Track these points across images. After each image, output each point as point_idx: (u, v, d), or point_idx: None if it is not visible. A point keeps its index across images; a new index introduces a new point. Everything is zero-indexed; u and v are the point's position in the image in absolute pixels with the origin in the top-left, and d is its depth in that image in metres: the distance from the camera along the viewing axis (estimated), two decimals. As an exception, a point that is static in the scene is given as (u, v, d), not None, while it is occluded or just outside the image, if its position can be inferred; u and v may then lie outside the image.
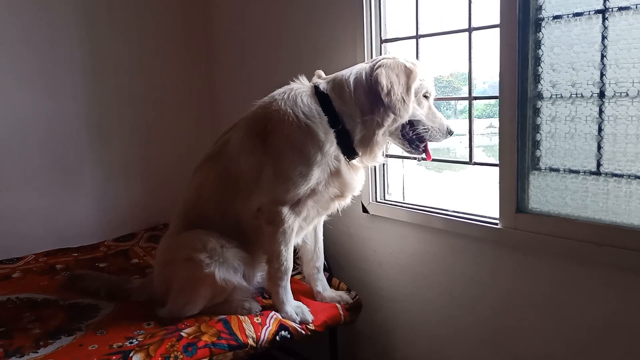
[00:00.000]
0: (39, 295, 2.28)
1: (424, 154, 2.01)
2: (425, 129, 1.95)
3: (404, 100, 1.86)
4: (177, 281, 1.99)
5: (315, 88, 1.96)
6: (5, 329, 1.96)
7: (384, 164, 2.35)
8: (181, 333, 1.83)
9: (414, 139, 1.97)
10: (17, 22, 2.79)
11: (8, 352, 1.77)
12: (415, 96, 1.92)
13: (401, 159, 2.36)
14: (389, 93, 1.84)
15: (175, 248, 2.02)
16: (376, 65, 1.89)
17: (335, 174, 1.93)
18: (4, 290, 2.34)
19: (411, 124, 1.96)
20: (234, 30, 3.20)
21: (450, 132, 1.97)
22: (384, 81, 1.84)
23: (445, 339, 2.15)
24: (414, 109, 1.92)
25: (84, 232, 3.02)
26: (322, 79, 2.02)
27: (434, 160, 2.28)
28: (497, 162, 1.88)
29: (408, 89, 1.87)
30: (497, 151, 1.87)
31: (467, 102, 2.03)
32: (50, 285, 2.39)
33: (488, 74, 2.11)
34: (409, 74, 1.88)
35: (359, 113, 1.91)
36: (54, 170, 2.95)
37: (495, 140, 1.90)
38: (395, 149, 2.23)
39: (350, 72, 1.94)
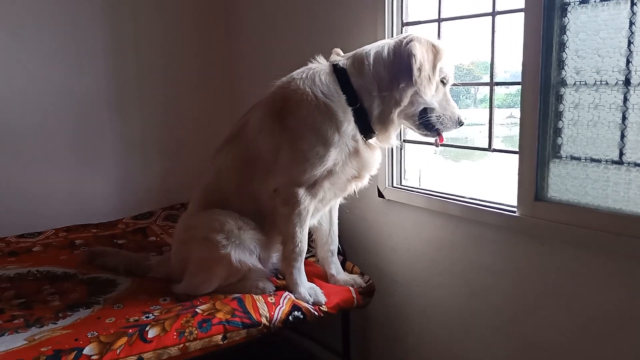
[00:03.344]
0: (59, 269, 2.33)
1: (437, 137, 1.98)
2: (437, 116, 1.93)
3: (429, 78, 1.84)
4: (194, 260, 2.02)
5: (334, 66, 1.94)
6: (26, 300, 2.02)
7: (400, 148, 2.34)
8: (196, 309, 1.85)
9: (426, 123, 1.96)
10: (40, 0, 2.81)
11: (28, 322, 1.82)
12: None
13: (417, 144, 2.34)
14: (420, 67, 1.81)
15: (194, 227, 2.05)
16: (407, 39, 1.86)
17: (354, 153, 1.93)
18: (25, 263, 2.40)
19: (423, 110, 1.93)
20: (254, 11, 3.19)
21: (460, 123, 1.95)
22: (418, 54, 1.81)
23: (458, 326, 2.14)
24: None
25: (103, 209, 3.08)
26: (341, 57, 2.00)
27: (455, 146, 2.27)
28: (517, 150, 1.85)
29: (434, 67, 1.85)
30: (516, 141, 1.84)
31: (487, 92, 2.00)
32: (69, 260, 2.45)
33: (510, 64, 2.08)
34: (436, 53, 1.86)
35: (377, 87, 1.89)
36: (75, 147, 3.00)
37: (515, 130, 1.87)
38: (411, 134, 2.22)
39: (372, 47, 1.93)
